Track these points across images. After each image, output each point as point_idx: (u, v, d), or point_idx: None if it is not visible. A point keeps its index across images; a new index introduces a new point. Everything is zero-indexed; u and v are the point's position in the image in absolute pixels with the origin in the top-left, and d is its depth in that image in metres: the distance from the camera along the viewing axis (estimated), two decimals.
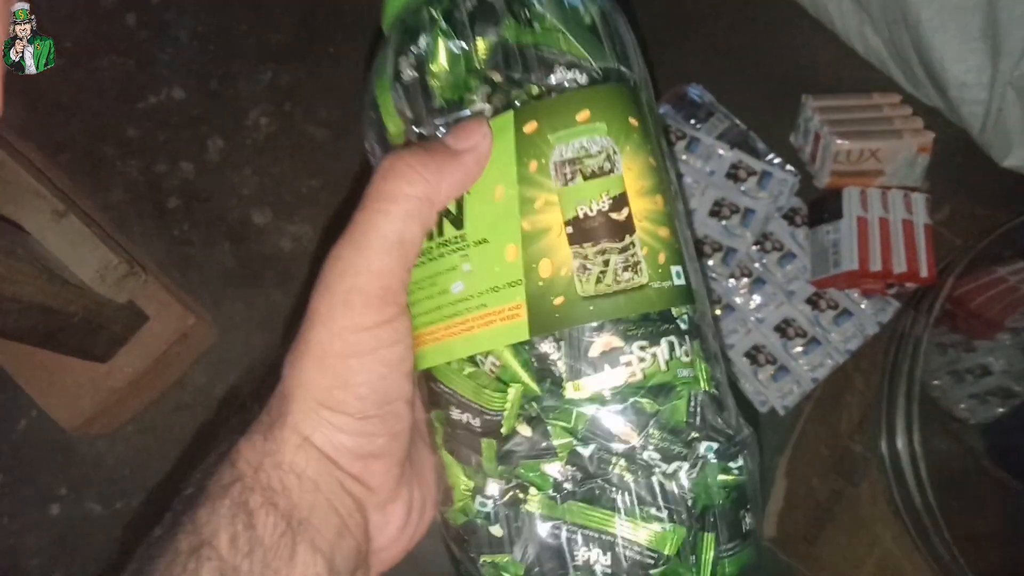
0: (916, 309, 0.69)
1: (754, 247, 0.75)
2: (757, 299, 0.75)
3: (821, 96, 0.77)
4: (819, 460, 0.72)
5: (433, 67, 0.27)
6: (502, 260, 0.26)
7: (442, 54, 0.27)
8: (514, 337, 0.25)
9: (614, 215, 0.25)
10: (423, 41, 0.28)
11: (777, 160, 0.77)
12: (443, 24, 0.28)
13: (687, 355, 0.26)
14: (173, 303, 0.75)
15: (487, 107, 0.27)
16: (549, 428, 0.25)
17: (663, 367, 0.25)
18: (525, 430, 0.26)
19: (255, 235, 0.84)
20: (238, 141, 0.86)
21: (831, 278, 0.72)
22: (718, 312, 0.74)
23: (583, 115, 0.26)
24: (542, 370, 0.25)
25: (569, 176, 0.25)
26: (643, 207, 0.26)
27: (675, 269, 0.26)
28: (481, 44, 0.27)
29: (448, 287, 0.27)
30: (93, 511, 0.79)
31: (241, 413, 0.28)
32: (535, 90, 0.27)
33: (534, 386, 0.25)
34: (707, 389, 0.26)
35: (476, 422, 0.26)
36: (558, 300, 0.25)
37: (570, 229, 0.25)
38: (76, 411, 0.75)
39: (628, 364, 0.25)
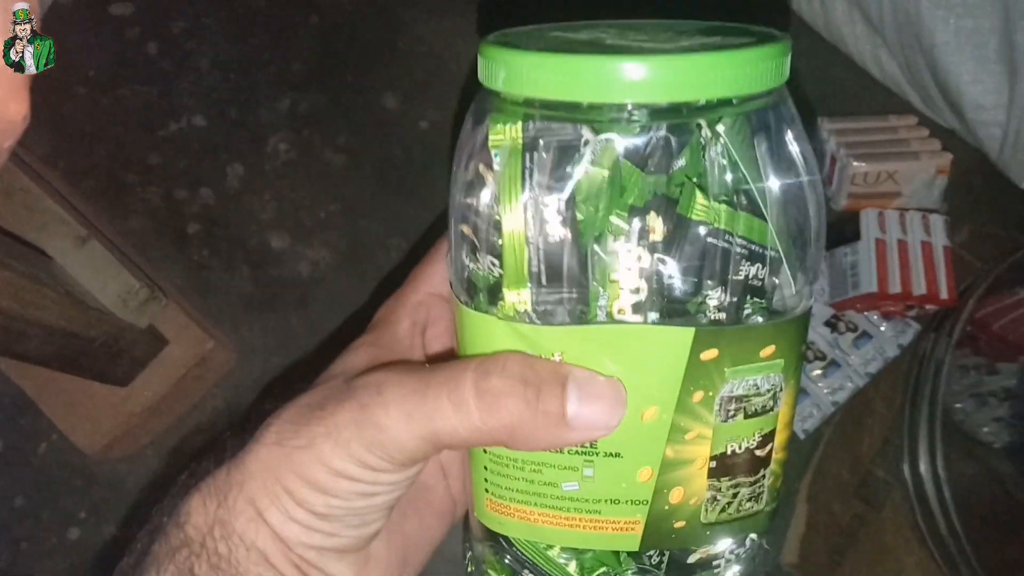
0: (937, 331, 0.68)
1: None
2: None
3: (837, 119, 0.77)
4: (840, 484, 0.72)
5: (583, 217, 0.21)
6: (632, 479, 0.23)
7: (600, 203, 0.21)
8: (621, 547, 0.24)
9: (758, 451, 0.24)
10: (575, 173, 0.21)
11: None
12: (605, 161, 0.21)
13: (766, 544, 0.26)
14: (192, 327, 0.76)
15: (645, 318, 0.21)
16: None
17: (745, 563, 0.26)
18: None
19: (273, 260, 0.84)
20: (257, 167, 0.87)
21: (850, 300, 0.71)
22: None
23: (768, 351, 0.22)
24: (635, 565, 0.25)
25: (731, 413, 0.23)
26: (783, 438, 0.24)
27: (780, 482, 0.25)
28: (657, 222, 0.21)
29: (558, 483, 0.24)
30: (112, 535, 0.79)
31: (192, 468, 0.26)
32: (712, 308, 0.22)
33: None
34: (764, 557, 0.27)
35: None
36: (678, 524, 0.24)
37: (713, 464, 0.23)
38: (96, 435, 0.75)
39: (717, 568, 0.25)
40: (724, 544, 0.25)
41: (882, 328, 0.73)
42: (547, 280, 0.22)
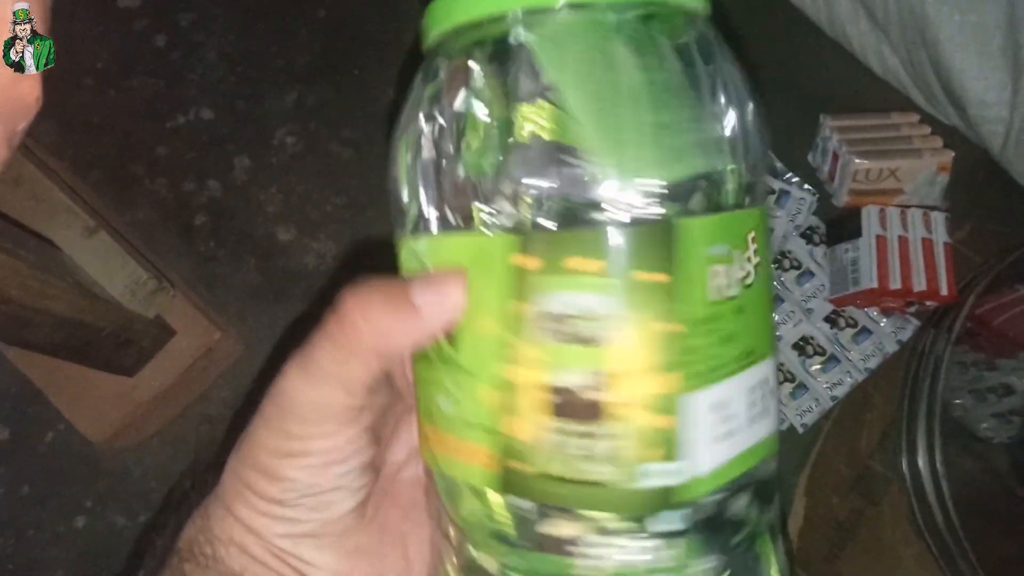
0: (936, 327, 0.68)
1: (772, 265, 0.75)
2: (775, 317, 0.75)
3: (839, 115, 0.77)
4: (839, 479, 0.72)
5: (464, 146, 0.22)
6: (476, 399, 0.23)
7: (473, 129, 0.22)
8: (486, 483, 0.23)
9: (597, 395, 0.21)
10: (456, 101, 0.23)
11: (795, 179, 0.78)
12: (476, 79, 0.22)
13: (673, 560, 0.22)
14: (199, 318, 0.77)
15: (497, 221, 0.22)
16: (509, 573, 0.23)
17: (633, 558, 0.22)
18: (488, 563, 0.24)
19: (280, 252, 0.85)
20: (264, 160, 0.87)
21: (850, 296, 0.72)
22: None
23: (585, 264, 0.21)
24: (512, 516, 0.23)
25: (554, 333, 0.21)
26: (637, 391, 0.21)
27: (659, 468, 0.21)
28: (511, 126, 0.22)
29: (436, 399, 0.24)
30: (118, 523, 0.80)
31: (181, 508, 0.28)
32: (556, 211, 0.21)
33: (509, 530, 0.23)
34: None
35: (452, 533, 0.25)
36: (528, 468, 0.22)
37: (554, 398, 0.22)
38: (103, 424, 0.76)
39: (584, 556, 0.22)
40: (593, 521, 0.22)
41: (882, 324, 0.74)
42: (428, 199, 0.23)
